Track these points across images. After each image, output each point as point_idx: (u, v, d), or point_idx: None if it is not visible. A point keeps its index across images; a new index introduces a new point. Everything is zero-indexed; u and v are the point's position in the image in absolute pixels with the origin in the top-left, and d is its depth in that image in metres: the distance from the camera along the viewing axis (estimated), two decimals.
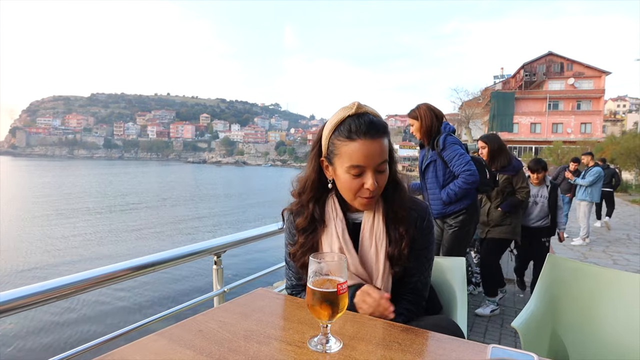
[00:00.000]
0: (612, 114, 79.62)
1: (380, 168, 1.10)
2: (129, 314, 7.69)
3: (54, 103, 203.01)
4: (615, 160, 20.86)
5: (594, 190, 7.22)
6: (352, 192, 1.12)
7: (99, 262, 7.77)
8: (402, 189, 1.21)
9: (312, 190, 1.20)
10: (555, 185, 4.38)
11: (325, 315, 0.84)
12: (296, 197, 1.25)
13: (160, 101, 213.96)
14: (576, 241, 7.41)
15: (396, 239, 1.16)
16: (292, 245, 1.23)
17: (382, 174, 1.12)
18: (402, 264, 1.16)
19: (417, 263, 1.20)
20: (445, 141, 2.83)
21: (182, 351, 0.83)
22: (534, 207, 4.37)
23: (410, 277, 1.21)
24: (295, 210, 1.25)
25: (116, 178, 55.77)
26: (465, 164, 2.76)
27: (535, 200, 4.37)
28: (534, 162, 4.36)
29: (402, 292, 1.21)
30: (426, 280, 1.25)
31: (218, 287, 1.89)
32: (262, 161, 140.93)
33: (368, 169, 1.08)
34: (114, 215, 22.15)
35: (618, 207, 13.86)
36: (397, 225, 1.17)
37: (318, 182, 1.20)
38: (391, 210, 1.18)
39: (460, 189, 2.78)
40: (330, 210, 1.21)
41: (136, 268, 1.48)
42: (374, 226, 1.18)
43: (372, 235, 1.17)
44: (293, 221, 1.24)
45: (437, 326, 1.02)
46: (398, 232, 1.16)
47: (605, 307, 1.41)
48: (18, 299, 1.12)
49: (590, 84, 39.02)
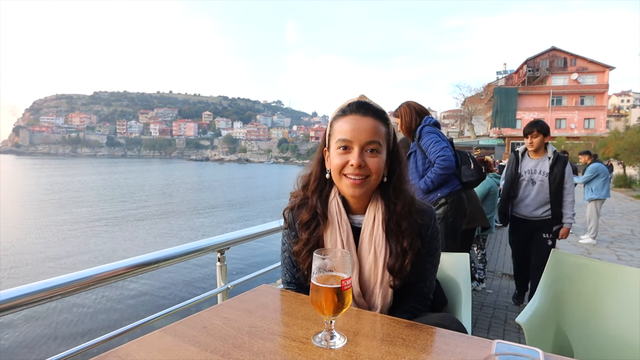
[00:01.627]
0: (616, 109, 79.24)
1: (369, 148, 1.09)
2: (133, 311, 7.72)
3: (57, 102, 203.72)
4: (619, 156, 20.74)
5: (597, 187, 7.11)
6: (338, 170, 1.11)
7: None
8: (406, 197, 1.17)
9: (315, 181, 1.20)
10: (561, 158, 3.31)
11: (329, 311, 0.84)
12: (300, 192, 1.25)
13: (163, 99, 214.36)
14: (585, 239, 7.30)
15: (398, 253, 1.13)
16: (295, 244, 1.20)
17: (373, 158, 1.09)
18: (403, 278, 1.14)
19: (422, 270, 1.19)
20: (422, 131, 2.85)
21: (187, 347, 0.83)
22: (529, 188, 3.38)
23: (416, 283, 1.20)
24: (297, 205, 1.23)
25: (123, 176, 55.72)
26: (440, 150, 2.74)
27: (531, 179, 3.37)
28: (528, 124, 3.41)
29: (408, 294, 1.20)
30: (431, 284, 1.24)
31: (222, 284, 1.89)
32: (264, 158, 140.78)
33: (355, 144, 1.08)
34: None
35: (622, 202, 13.81)
36: (399, 237, 1.14)
37: (321, 174, 1.21)
38: (393, 219, 1.14)
39: (436, 174, 2.75)
40: (334, 209, 1.18)
41: (140, 265, 1.48)
42: (374, 232, 1.15)
43: (372, 241, 1.15)
44: (294, 219, 1.22)
45: (440, 325, 1.02)
46: (401, 246, 1.13)
47: (610, 303, 1.41)
48: (22, 297, 1.12)
49: (594, 79, 38.75)
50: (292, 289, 1.26)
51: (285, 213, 1.26)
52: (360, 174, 1.09)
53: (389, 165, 1.17)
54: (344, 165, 1.10)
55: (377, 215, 1.16)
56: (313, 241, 1.17)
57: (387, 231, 1.14)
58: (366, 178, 1.10)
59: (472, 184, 3.06)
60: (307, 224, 1.18)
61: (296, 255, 1.19)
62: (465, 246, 3.70)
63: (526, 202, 3.39)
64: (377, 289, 1.14)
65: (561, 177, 3.25)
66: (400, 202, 1.15)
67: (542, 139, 3.32)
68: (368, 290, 1.16)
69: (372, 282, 1.15)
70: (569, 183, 3.26)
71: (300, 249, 1.18)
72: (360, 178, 1.09)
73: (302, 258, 1.18)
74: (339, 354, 0.81)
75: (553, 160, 3.29)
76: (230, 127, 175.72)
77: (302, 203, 1.23)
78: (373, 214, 1.16)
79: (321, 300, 0.84)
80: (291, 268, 1.25)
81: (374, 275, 1.14)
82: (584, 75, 39.02)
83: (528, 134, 3.35)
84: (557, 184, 3.25)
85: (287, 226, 1.24)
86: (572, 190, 3.28)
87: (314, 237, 1.17)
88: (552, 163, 3.29)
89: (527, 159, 3.43)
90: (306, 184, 1.23)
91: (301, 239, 1.18)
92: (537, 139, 3.32)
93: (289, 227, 1.24)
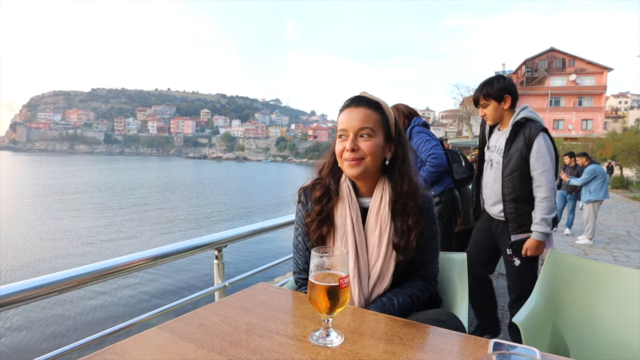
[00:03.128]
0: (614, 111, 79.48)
1: (362, 133, 1.20)
2: (130, 308, 7.71)
3: (54, 98, 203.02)
4: (617, 157, 20.82)
5: (595, 189, 7.08)
6: (339, 155, 1.23)
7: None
8: (411, 179, 1.25)
9: (330, 166, 1.32)
10: (527, 127, 2.20)
11: (326, 309, 0.84)
12: (316, 176, 1.36)
13: (161, 96, 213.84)
14: (581, 240, 7.32)
15: (403, 230, 1.21)
16: (307, 217, 1.29)
17: (366, 142, 1.20)
18: (409, 254, 1.21)
19: (425, 252, 1.26)
20: (412, 131, 2.89)
21: (184, 344, 0.83)
22: (488, 172, 2.41)
23: (420, 267, 1.27)
24: (311, 186, 1.34)
25: (129, 174, 55.52)
26: (431, 148, 2.77)
27: (490, 159, 2.39)
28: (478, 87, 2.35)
29: (412, 279, 1.26)
30: (434, 267, 1.30)
31: (219, 282, 1.89)
32: (262, 157, 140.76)
33: (350, 132, 1.20)
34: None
35: (619, 203, 13.86)
36: (405, 216, 1.22)
37: (334, 162, 1.31)
38: (400, 200, 1.23)
39: (428, 172, 2.78)
40: (345, 190, 1.27)
41: (137, 262, 1.48)
42: (380, 211, 1.23)
43: (377, 220, 1.23)
44: (308, 198, 1.32)
45: (437, 320, 1.03)
46: (406, 224, 1.21)
47: (606, 303, 1.41)
48: (18, 293, 1.12)
49: (592, 80, 38.82)
50: (301, 280, 1.32)
51: (300, 192, 1.35)
52: (355, 157, 1.19)
53: (393, 150, 1.26)
54: (343, 151, 1.21)
55: (384, 196, 1.25)
56: (325, 213, 1.26)
57: (393, 211, 1.23)
58: (361, 160, 1.20)
59: (465, 182, 3.09)
60: (320, 198, 1.28)
61: (307, 226, 1.28)
62: (464, 246, 3.71)
63: (485, 193, 2.43)
64: (378, 265, 1.20)
65: (522, 160, 2.17)
66: (406, 184, 1.24)
67: (498, 106, 2.28)
68: (368, 267, 1.22)
69: (374, 259, 1.21)
70: (541, 169, 2.13)
71: (313, 220, 1.26)
72: (355, 160, 1.19)
73: (312, 229, 1.26)
74: (336, 352, 0.81)
75: (511, 132, 2.22)
76: (229, 125, 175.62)
77: (316, 183, 1.33)
78: (380, 195, 1.25)
79: (318, 298, 0.84)
80: (304, 252, 1.31)
81: (376, 252, 1.21)
82: (582, 76, 39.09)
83: (477, 105, 2.40)
84: (513, 167, 2.20)
85: (300, 202, 1.34)
86: (545, 181, 2.12)
87: (326, 209, 1.26)
88: (508, 136, 2.23)
89: (496, 130, 2.42)
90: (321, 169, 1.35)
91: (314, 211, 1.27)
92: (488, 108, 2.30)
93: (301, 204, 1.33)
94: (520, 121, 2.24)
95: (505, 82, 2.30)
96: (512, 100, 2.29)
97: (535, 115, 2.30)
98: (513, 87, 2.31)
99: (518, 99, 2.34)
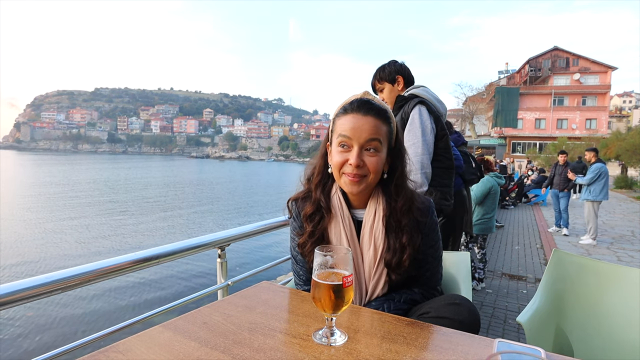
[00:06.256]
0: (618, 110, 79.07)
1: (369, 146, 1.10)
2: (133, 306, 7.73)
3: (58, 97, 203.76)
4: (621, 157, 20.71)
5: (596, 188, 6.99)
6: (338, 167, 1.13)
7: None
8: (407, 194, 1.18)
9: (319, 175, 1.22)
10: (405, 100, 2.18)
11: (330, 308, 0.84)
12: (305, 185, 1.27)
13: (164, 96, 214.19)
14: (585, 240, 7.29)
15: (396, 248, 1.14)
16: (300, 236, 1.21)
17: (373, 157, 1.11)
18: (403, 273, 1.14)
19: (425, 263, 1.19)
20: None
21: (187, 343, 0.83)
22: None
23: (420, 277, 1.20)
24: (301, 198, 1.26)
25: (134, 172, 55.73)
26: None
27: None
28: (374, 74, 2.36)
29: (414, 285, 1.20)
30: (436, 275, 1.23)
31: (222, 280, 1.89)
32: (265, 156, 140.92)
33: (355, 142, 1.10)
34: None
35: (622, 203, 13.80)
36: (399, 233, 1.15)
37: (324, 168, 1.23)
38: (393, 216, 1.15)
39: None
40: (336, 203, 1.20)
41: (140, 260, 1.48)
42: (374, 227, 1.16)
43: (372, 235, 1.17)
44: (299, 210, 1.24)
45: (452, 304, 1.02)
46: (400, 242, 1.14)
47: (610, 303, 1.40)
48: (22, 291, 1.12)
49: (596, 80, 38.65)
50: (307, 291, 1.23)
51: (290, 204, 1.28)
52: (358, 174, 1.10)
53: (390, 162, 1.18)
54: (344, 164, 1.12)
55: (377, 211, 1.17)
56: (318, 233, 1.19)
57: (386, 227, 1.16)
58: (364, 177, 1.12)
59: (473, 182, 3.12)
60: (311, 216, 1.20)
61: (301, 247, 1.20)
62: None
63: None
64: (374, 281, 1.15)
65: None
66: (401, 199, 1.16)
67: (393, 88, 2.30)
68: (365, 282, 1.17)
69: (369, 275, 1.16)
70: (409, 142, 2.05)
71: (305, 241, 1.19)
72: (358, 176, 1.11)
73: (307, 250, 1.19)
74: (340, 351, 0.81)
75: (394, 108, 2.22)
76: (231, 124, 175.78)
77: (305, 195, 1.25)
78: (374, 209, 1.18)
79: (322, 297, 0.84)
80: (304, 264, 1.23)
81: (372, 268, 1.16)
82: (586, 75, 38.92)
83: (374, 91, 2.37)
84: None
85: (291, 215, 1.27)
86: (412, 155, 2.00)
87: (318, 229, 1.19)
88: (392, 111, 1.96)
89: None
90: (310, 176, 1.26)
91: (306, 231, 1.20)
92: (384, 92, 2.32)
93: (292, 218, 1.26)
94: (404, 96, 2.23)
95: (396, 65, 2.32)
96: (405, 81, 2.30)
97: (427, 94, 2.24)
98: (406, 69, 2.33)
99: (413, 82, 2.34)
